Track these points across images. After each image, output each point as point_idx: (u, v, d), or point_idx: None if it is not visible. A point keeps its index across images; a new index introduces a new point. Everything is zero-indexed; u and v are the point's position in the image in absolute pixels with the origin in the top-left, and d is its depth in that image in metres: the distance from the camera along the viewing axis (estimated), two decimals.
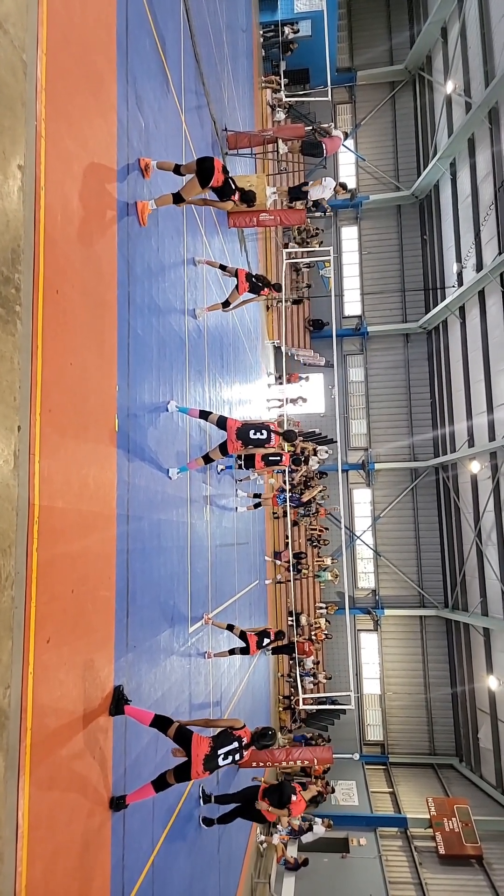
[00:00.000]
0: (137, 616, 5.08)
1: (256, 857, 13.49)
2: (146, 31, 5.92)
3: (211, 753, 4.66)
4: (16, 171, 3.20)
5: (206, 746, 4.67)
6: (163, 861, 5.63)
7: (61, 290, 3.71)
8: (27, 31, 3.38)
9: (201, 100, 9.17)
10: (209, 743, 4.72)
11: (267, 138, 11.56)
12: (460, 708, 22.88)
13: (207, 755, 4.63)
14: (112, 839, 4.31)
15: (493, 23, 19.42)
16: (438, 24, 23.39)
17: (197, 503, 7.84)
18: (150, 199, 5.67)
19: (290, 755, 10.70)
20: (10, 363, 3.11)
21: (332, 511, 23.66)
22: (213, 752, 4.68)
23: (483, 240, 20.42)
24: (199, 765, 4.59)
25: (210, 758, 4.64)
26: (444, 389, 23.99)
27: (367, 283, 26.97)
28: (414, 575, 24.96)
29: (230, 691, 10.16)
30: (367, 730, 24.45)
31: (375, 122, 27.23)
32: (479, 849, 16.70)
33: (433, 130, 24.79)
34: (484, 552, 20.56)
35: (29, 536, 3.25)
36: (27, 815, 3.13)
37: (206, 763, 4.62)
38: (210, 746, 4.70)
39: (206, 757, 4.62)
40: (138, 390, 5.31)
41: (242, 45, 15.50)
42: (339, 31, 26.38)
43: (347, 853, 16.91)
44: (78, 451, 3.91)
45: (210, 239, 9.40)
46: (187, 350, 7.45)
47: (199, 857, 7.30)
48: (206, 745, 4.68)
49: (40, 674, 3.30)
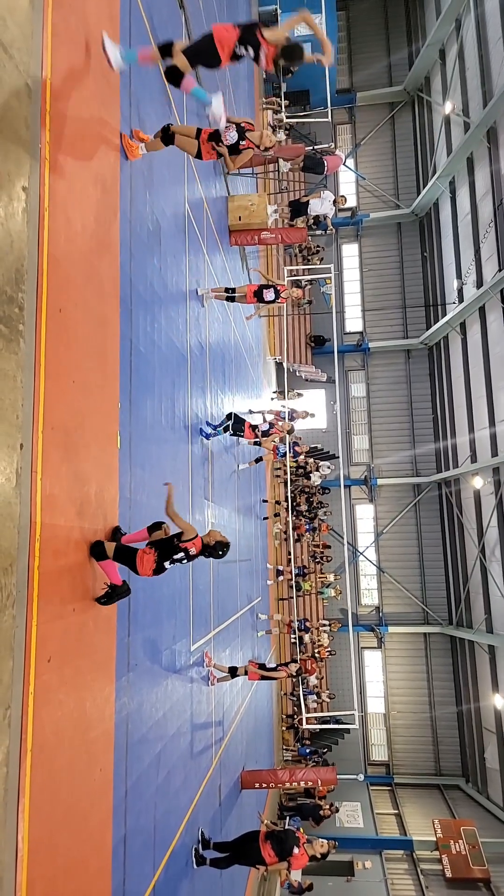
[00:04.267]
0: (139, 635, 5.04)
1: (260, 882, 13.25)
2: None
3: (158, 567, 4.52)
4: (20, 192, 3.24)
5: (151, 560, 4.50)
6: (164, 886, 5.53)
7: (64, 309, 3.74)
8: (32, 56, 3.44)
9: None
10: (153, 556, 4.52)
11: (268, 158, 11.71)
12: (466, 727, 22.58)
13: (154, 570, 4.51)
14: (113, 864, 4.24)
15: (490, 44, 19.75)
16: (437, 45, 23.80)
17: (199, 519, 7.82)
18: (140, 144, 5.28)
19: (294, 776, 10.55)
20: (13, 381, 3.12)
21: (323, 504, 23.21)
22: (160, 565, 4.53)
23: (483, 256, 20.57)
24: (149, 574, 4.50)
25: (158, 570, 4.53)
26: (446, 405, 24.02)
27: (368, 299, 27.14)
28: (417, 591, 24.78)
29: (232, 710, 10.06)
30: (372, 749, 24.12)
31: (375, 141, 27.59)
32: (487, 872, 16.38)
33: (432, 150, 25.11)
34: (488, 568, 20.43)
35: (30, 554, 3.24)
36: (27, 838, 3.08)
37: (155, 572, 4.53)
38: (154, 560, 4.52)
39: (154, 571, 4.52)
40: (140, 407, 5.33)
41: (243, 67, 15.76)
42: (339, 54, 26.85)
43: (352, 876, 16.59)
44: (80, 469, 3.91)
45: (212, 257, 9.49)
46: (189, 366, 7.48)
47: (201, 882, 7.16)
48: (151, 560, 4.50)
49: (41, 694, 3.27)
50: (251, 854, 7.70)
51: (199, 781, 7.33)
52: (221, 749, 8.96)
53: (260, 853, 7.67)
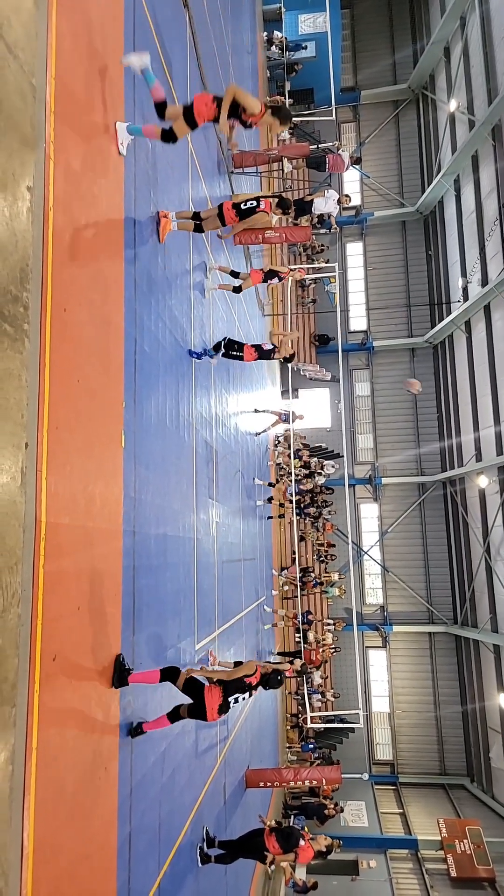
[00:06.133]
0: (143, 633, 5.05)
1: (264, 880, 13.25)
2: (153, 54, 6.03)
3: (223, 703, 4.92)
4: (25, 192, 3.25)
5: (218, 696, 4.91)
6: (169, 884, 5.54)
7: (69, 309, 3.75)
8: (36, 57, 3.45)
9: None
10: (220, 693, 4.93)
11: (272, 157, 11.69)
12: (471, 726, 22.52)
13: (221, 704, 4.90)
14: (118, 861, 4.25)
15: (495, 41, 19.66)
16: (441, 43, 23.71)
17: (203, 518, 7.83)
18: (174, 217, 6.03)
19: (299, 775, 10.56)
20: (17, 380, 3.13)
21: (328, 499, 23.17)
22: (225, 701, 4.93)
23: (488, 255, 20.50)
24: (214, 711, 4.86)
25: (223, 706, 4.92)
26: (451, 404, 23.95)
27: (373, 298, 27.08)
28: (422, 591, 24.74)
29: (236, 709, 10.06)
30: (377, 749, 24.09)
31: (379, 139, 27.53)
32: (492, 871, 16.34)
33: (437, 148, 25.03)
34: (493, 567, 20.36)
35: (35, 553, 3.25)
36: (32, 837, 3.09)
37: (219, 710, 4.90)
38: (221, 696, 4.92)
39: (220, 706, 4.90)
40: (145, 406, 5.33)
41: (247, 66, 15.75)
42: (343, 52, 26.81)
43: (357, 876, 16.57)
44: (84, 468, 3.92)
45: (216, 256, 9.48)
46: (193, 365, 7.49)
47: (206, 880, 7.17)
48: (218, 695, 4.91)
49: (46, 692, 3.27)
50: (256, 847, 7.76)
51: (204, 780, 7.34)
52: (226, 748, 8.97)
53: (265, 845, 7.75)
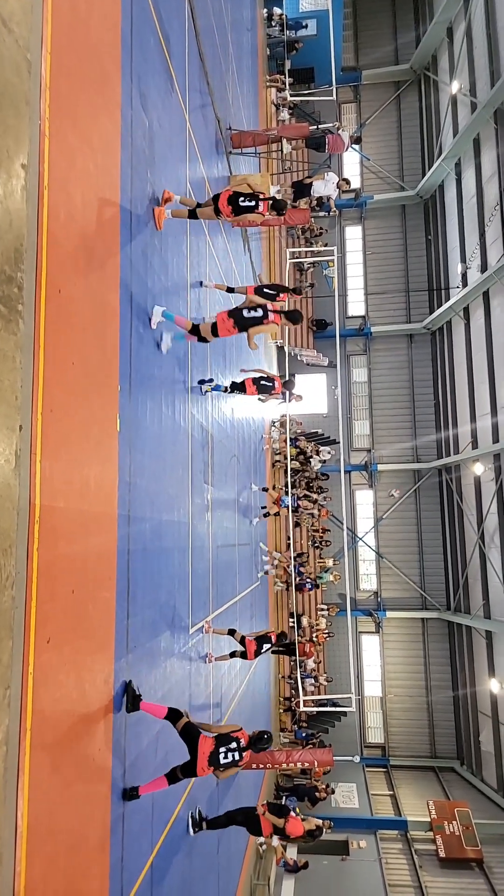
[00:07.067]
0: (138, 617, 5.06)
1: (256, 859, 13.47)
2: (151, 29, 5.91)
3: (214, 751, 5.12)
4: (19, 170, 3.18)
5: (210, 744, 5.13)
6: (162, 862, 5.62)
7: (64, 290, 3.70)
8: (32, 31, 3.36)
9: (205, 98, 9.15)
10: (212, 742, 5.17)
11: (271, 137, 11.54)
12: (462, 711, 22.81)
13: (212, 752, 5.10)
14: (111, 840, 4.30)
15: (499, 23, 19.36)
16: (444, 24, 23.32)
17: (198, 503, 7.83)
18: (177, 201, 6.07)
19: (291, 757, 10.67)
20: (12, 362, 3.10)
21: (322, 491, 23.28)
22: (216, 750, 5.14)
23: (488, 240, 20.36)
24: (204, 761, 5.05)
25: (214, 755, 5.11)
26: (448, 390, 23.92)
27: (371, 283, 26.90)
28: (416, 577, 24.89)
29: (230, 693, 10.15)
30: (368, 732, 24.38)
31: (380, 121, 27.16)
32: (480, 852, 16.64)
33: (438, 130, 24.73)
34: (487, 554, 20.50)
35: (30, 536, 3.24)
36: (26, 815, 3.12)
37: (210, 760, 5.09)
38: (213, 745, 5.16)
39: (211, 754, 5.09)
40: (140, 390, 5.30)
41: (247, 43, 15.48)
42: (345, 31, 26.32)
43: (347, 856, 16.86)
44: (79, 451, 3.90)
45: (213, 238, 9.39)
46: (190, 349, 7.44)
47: (199, 859, 7.28)
48: (210, 744, 5.14)
49: (40, 674, 3.28)
50: (249, 817, 7.90)
51: None
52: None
53: (257, 819, 7.88)
